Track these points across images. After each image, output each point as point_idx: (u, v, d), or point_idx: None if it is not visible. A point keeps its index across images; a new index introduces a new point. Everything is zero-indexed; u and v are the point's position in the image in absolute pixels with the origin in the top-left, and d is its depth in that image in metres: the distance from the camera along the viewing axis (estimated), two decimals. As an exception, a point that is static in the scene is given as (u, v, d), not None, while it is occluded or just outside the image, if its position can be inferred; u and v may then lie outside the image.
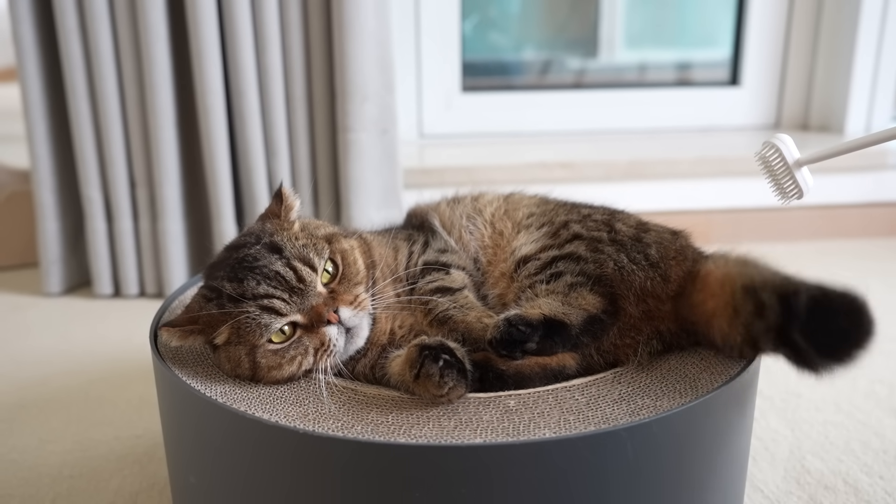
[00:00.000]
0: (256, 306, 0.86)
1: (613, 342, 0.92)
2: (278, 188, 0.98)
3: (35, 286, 1.99)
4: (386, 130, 1.90)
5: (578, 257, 0.95)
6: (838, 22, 2.40)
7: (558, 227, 1.02)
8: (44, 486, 1.17)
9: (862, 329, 0.77)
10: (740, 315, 0.85)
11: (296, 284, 0.87)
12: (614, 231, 1.00)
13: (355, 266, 0.94)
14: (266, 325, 0.85)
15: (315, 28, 1.81)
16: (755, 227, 2.30)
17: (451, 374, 0.80)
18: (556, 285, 0.92)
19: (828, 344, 0.78)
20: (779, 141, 0.88)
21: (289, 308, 0.86)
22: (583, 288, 0.91)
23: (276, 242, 0.91)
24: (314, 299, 0.88)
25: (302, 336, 0.88)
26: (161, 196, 1.86)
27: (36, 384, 1.49)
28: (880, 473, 1.17)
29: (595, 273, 0.92)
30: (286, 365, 0.88)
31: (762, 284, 0.84)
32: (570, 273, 0.93)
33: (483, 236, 1.06)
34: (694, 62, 2.81)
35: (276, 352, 0.87)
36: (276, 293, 0.86)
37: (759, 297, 0.84)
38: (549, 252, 0.98)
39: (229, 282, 0.88)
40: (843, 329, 0.77)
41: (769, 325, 0.82)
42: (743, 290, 0.86)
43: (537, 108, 2.54)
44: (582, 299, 0.89)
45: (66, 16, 1.75)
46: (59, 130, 1.89)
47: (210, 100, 1.79)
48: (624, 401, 0.83)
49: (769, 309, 0.82)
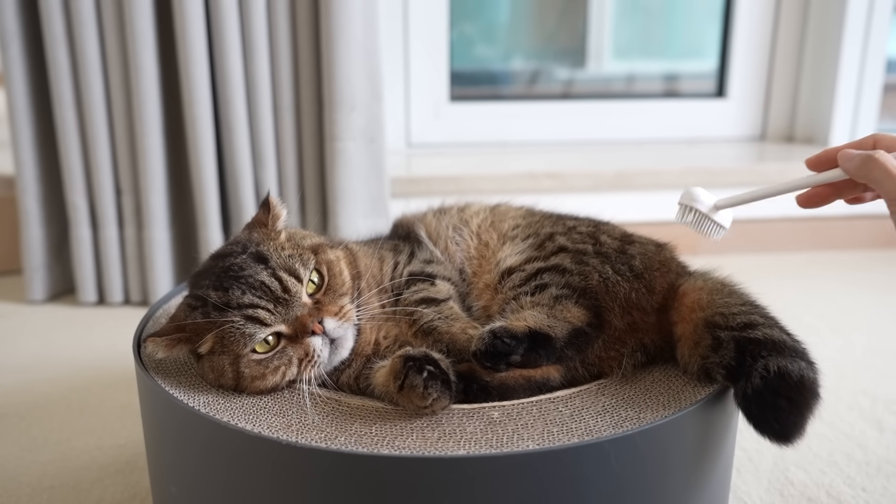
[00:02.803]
0: (241, 316, 0.85)
1: (598, 354, 0.92)
2: (265, 197, 0.98)
3: (18, 293, 1.98)
4: (373, 139, 1.90)
5: (564, 269, 0.95)
6: (823, 34, 2.43)
7: (543, 239, 1.02)
8: (24, 495, 1.15)
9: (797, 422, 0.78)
10: (699, 346, 0.88)
11: (281, 295, 0.87)
12: (599, 243, 1.00)
13: (341, 277, 0.94)
14: (250, 335, 0.85)
15: (303, 37, 1.81)
16: (741, 238, 2.31)
17: (436, 385, 0.80)
18: (541, 297, 0.92)
19: (762, 417, 0.79)
20: (689, 200, 0.91)
21: (273, 318, 0.86)
22: (568, 300, 0.91)
23: (263, 252, 0.90)
24: (299, 310, 0.87)
25: (286, 346, 0.87)
26: (147, 204, 1.85)
27: (18, 392, 1.48)
28: (863, 485, 1.17)
29: (580, 285, 0.93)
30: (270, 375, 0.87)
31: (724, 324, 0.87)
32: (555, 285, 0.93)
33: (469, 247, 1.06)
34: (681, 73, 2.83)
35: (260, 362, 0.87)
36: (261, 303, 0.86)
37: (717, 336, 0.86)
38: (535, 264, 0.98)
39: (214, 290, 0.87)
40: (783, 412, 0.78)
41: (722, 362, 0.84)
42: (705, 323, 0.88)
43: (525, 118, 2.55)
44: (567, 312, 0.89)
45: (53, 22, 1.74)
46: (44, 137, 1.88)
47: (197, 108, 1.79)
48: (608, 413, 0.83)
49: (724, 349, 0.85)
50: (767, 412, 0.79)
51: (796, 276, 2.13)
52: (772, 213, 2.30)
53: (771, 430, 0.78)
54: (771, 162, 2.34)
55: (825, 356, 0.89)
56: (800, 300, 1.93)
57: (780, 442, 0.78)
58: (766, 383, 0.79)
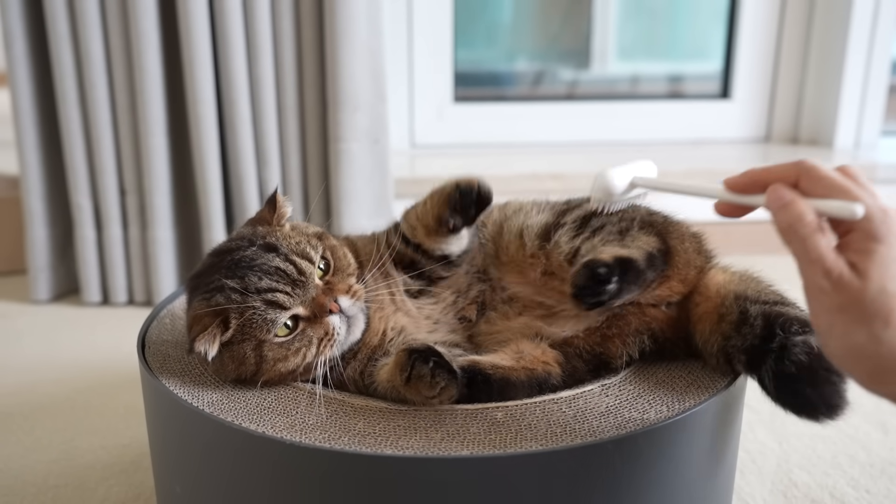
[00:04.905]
0: (261, 301, 0.86)
1: (604, 332, 0.92)
2: (272, 194, 0.99)
3: (23, 293, 1.98)
4: (377, 140, 1.90)
5: (608, 214, 0.92)
6: (828, 36, 2.42)
7: (563, 206, 1.01)
8: (28, 495, 1.16)
9: (828, 409, 0.78)
10: (723, 322, 0.87)
11: (297, 277, 0.88)
12: (639, 216, 0.97)
13: (346, 259, 0.95)
14: (272, 320, 0.86)
15: (307, 38, 1.81)
16: (745, 239, 2.30)
17: (443, 373, 0.81)
18: (605, 235, 0.91)
19: (789, 401, 0.79)
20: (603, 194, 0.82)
21: (292, 301, 0.87)
22: (632, 230, 0.91)
23: (271, 242, 0.91)
24: (314, 291, 0.89)
25: (305, 328, 0.88)
26: (151, 204, 1.85)
27: (22, 392, 1.48)
28: (867, 487, 1.17)
29: (640, 218, 0.93)
30: (291, 357, 0.88)
31: (755, 297, 0.86)
32: (611, 223, 0.92)
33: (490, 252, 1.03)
34: (685, 75, 2.82)
35: (282, 344, 0.87)
36: (279, 287, 0.87)
37: (745, 309, 0.85)
38: (573, 213, 0.96)
39: (229, 279, 0.88)
40: (808, 398, 0.78)
41: (745, 344, 0.84)
42: (735, 297, 0.87)
43: (529, 119, 2.55)
44: (637, 240, 0.89)
45: (58, 22, 1.75)
46: (48, 137, 1.88)
47: (201, 108, 1.79)
48: (611, 413, 0.83)
49: (750, 325, 0.83)
50: (821, 388, 0.77)
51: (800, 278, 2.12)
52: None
53: (820, 405, 0.78)
54: (776, 163, 2.33)
55: (829, 357, 0.89)
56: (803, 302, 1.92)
57: (830, 417, 0.78)
58: (812, 360, 0.78)
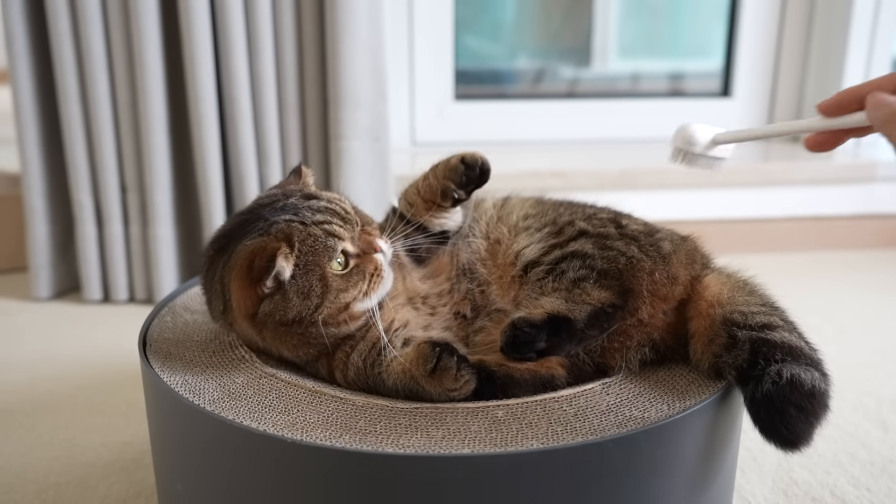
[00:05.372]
0: (321, 230, 0.88)
1: (604, 346, 0.91)
2: (297, 166, 1.02)
3: (24, 291, 1.98)
4: (378, 138, 1.90)
5: (584, 254, 0.94)
6: (829, 33, 2.42)
7: (562, 226, 1.01)
8: (29, 492, 1.16)
9: (804, 430, 0.79)
10: (713, 345, 0.87)
11: (345, 215, 0.91)
12: (622, 226, 0.99)
13: (369, 217, 0.98)
14: (332, 247, 0.88)
15: (308, 35, 1.81)
16: (746, 237, 2.30)
17: (467, 367, 0.83)
18: (559, 283, 0.92)
19: (769, 422, 0.79)
20: (684, 143, 0.88)
21: (345, 232, 0.89)
22: (586, 282, 0.91)
23: (310, 193, 0.95)
24: (360, 230, 0.92)
25: (358, 263, 0.90)
26: (152, 202, 1.85)
27: (23, 389, 1.48)
28: (867, 486, 1.17)
29: (602, 267, 0.92)
30: (351, 288, 0.89)
31: (742, 322, 0.86)
32: (572, 269, 0.93)
33: (480, 249, 1.03)
34: (686, 72, 2.82)
35: (342, 276, 0.89)
36: (332, 220, 0.90)
37: (734, 334, 0.86)
38: (554, 253, 0.97)
39: (284, 215, 0.89)
40: (791, 419, 0.79)
41: (735, 363, 0.84)
42: (723, 320, 0.88)
43: (530, 116, 2.55)
44: (585, 294, 0.89)
45: (59, 19, 1.74)
46: (50, 134, 1.88)
47: (202, 106, 1.79)
48: (612, 412, 0.83)
49: (739, 349, 0.84)
50: (775, 418, 0.78)
51: (801, 276, 2.13)
52: (777, 213, 2.30)
53: (778, 436, 0.78)
54: (776, 161, 2.33)
55: (830, 356, 0.90)
56: (804, 300, 1.93)
57: (785, 448, 0.79)
58: (778, 389, 0.79)
